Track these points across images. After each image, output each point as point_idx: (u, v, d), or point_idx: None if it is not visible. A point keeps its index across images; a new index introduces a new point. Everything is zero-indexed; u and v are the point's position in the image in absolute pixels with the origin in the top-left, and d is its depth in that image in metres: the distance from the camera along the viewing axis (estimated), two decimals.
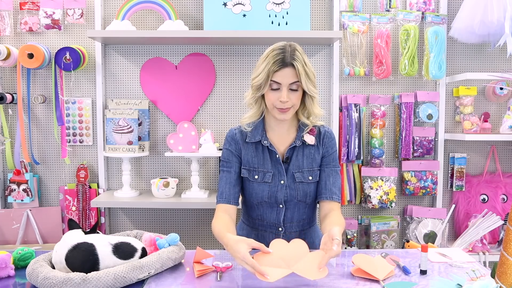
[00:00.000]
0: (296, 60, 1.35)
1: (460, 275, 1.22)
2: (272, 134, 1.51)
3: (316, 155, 1.50)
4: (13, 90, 2.27)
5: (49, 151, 2.33)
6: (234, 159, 1.50)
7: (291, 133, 1.51)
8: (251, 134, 1.50)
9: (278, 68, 1.35)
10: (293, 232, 1.53)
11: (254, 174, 1.49)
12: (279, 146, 1.50)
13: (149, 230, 2.25)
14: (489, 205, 2.33)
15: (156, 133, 2.35)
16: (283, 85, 1.36)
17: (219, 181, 1.52)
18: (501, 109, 2.37)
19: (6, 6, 2.23)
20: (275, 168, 1.48)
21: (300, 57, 1.37)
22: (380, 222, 2.32)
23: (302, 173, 1.48)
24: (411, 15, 2.26)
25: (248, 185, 1.50)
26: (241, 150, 1.51)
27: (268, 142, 1.48)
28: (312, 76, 1.39)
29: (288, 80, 1.36)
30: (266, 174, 1.48)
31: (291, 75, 1.36)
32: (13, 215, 2.28)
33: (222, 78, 2.32)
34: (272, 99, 1.39)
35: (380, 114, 2.29)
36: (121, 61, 2.31)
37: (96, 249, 1.19)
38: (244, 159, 1.50)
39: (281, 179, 1.48)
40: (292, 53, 1.36)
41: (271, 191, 1.48)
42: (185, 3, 2.29)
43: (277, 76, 1.36)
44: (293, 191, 1.48)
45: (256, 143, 1.50)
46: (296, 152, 1.49)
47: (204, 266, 1.31)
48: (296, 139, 1.49)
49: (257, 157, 1.49)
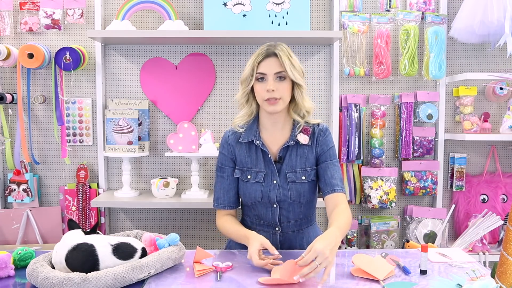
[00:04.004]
0: (280, 50, 1.41)
1: (460, 275, 1.22)
2: (266, 134, 1.51)
3: (309, 154, 1.49)
4: (13, 90, 2.27)
5: (49, 151, 2.33)
6: (227, 163, 1.53)
7: (285, 133, 1.51)
8: (245, 134, 1.51)
9: (262, 58, 1.41)
10: (290, 231, 1.53)
11: (247, 174, 1.50)
12: (273, 146, 1.51)
13: (149, 230, 2.25)
14: (489, 205, 2.33)
15: (156, 133, 2.35)
16: (269, 74, 1.40)
17: (215, 185, 1.56)
18: (501, 109, 2.37)
19: (6, 6, 2.23)
20: (267, 168, 1.49)
21: (285, 49, 1.42)
22: (380, 222, 2.32)
23: (295, 173, 1.48)
24: (411, 15, 2.26)
25: (242, 185, 1.52)
26: (235, 151, 1.52)
27: (260, 142, 1.49)
28: (298, 68, 1.43)
29: (272, 70, 1.40)
30: (259, 174, 1.48)
31: (276, 65, 1.41)
32: (13, 215, 2.28)
33: (222, 78, 2.32)
34: (260, 91, 1.42)
35: (380, 114, 2.29)
36: (121, 61, 2.31)
37: (96, 250, 1.20)
38: (238, 160, 1.52)
39: (273, 179, 1.48)
40: (277, 45, 1.43)
41: (264, 191, 1.48)
42: (185, 3, 2.29)
43: (261, 66, 1.41)
44: (286, 191, 1.48)
45: (249, 143, 1.51)
46: (289, 152, 1.49)
47: (204, 266, 1.31)
48: (289, 138, 1.49)
49: (250, 157, 1.50)
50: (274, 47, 1.42)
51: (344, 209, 1.41)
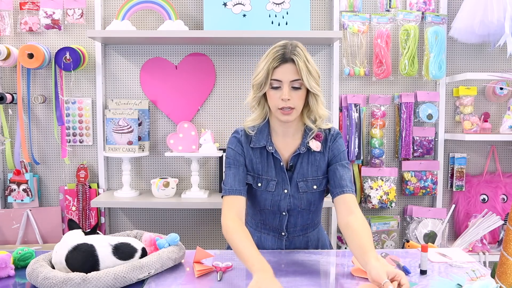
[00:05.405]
0: (297, 55, 1.30)
1: (460, 275, 1.22)
2: (277, 139, 1.44)
3: (321, 162, 1.43)
4: (13, 90, 2.27)
5: (49, 151, 2.33)
6: (241, 159, 1.43)
7: (296, 139, 1.43)
8: (255, 138, 1.43)
9: (278, 64, 1.30)
10: (296, 236, 1.49)
11: (258, 181, 1.43)
12: (284, 152, 1.43)
13: (149, 230, 2.25)
14: (489, 205, 2.33)
15: (156, 133, 2.35)
16: (284, 82, 1.31)
17: (226, 177, 1.43)
18: (501, 109, 2.37)
19: (6, 6, 2.23)
20: (279, 176, 1.42)
21: (302, 53, 1.31)
22: (380, 222, 2.32)
23: (306, 181, 1.42)
24: (411, 15, 2.26)
25: (251, 191, 1.45)
26: (246, 153, 1.44)
27: (273, 148, 1.41)
28: (315, 73, 1.33)
29: (288, 77, 1.31)
30: (270, 183, 1.42)
31: (292, 72, 1.31)
32: (13, 215, 2.28)
33: (222, 78, 2.32)
34: (273, 98, 1.33)
35: (380, 114, 2.29)
36: (121, 61, 2.31)
37: (96, 250, 1.19)
38: (249, 165, 1.44)
39: (284, 187, 1.42)
40: (293, 49, 1.31)
41: (274, 200, 1.42)
42: (185, 3, 2.29)
43: (277, 72, 1.31)
44: (297, 200, 1.42)
45: (261, 149, 1.43)
46: (300, 159, 1.42)
47: (204, 266, 1.31)
48: (301, 145, 1.42)
49: (261, 163, 1.43)
50: (291, 52, 1.30)
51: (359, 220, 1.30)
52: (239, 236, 1.28)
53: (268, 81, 1.32)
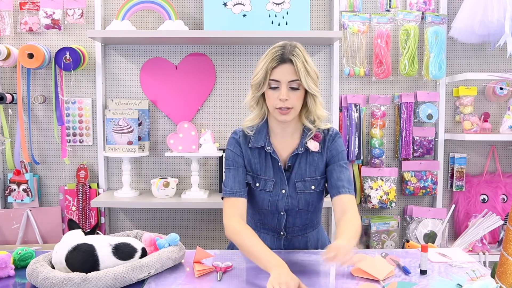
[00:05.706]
0: (296, 56, 1.31)
1: (460, 275, 1.22)
2: (275, 139, 1.44)
3: (319, 162, 1.43)
4: (13, 90, 2.27)
5: (49, 151, 2.33)
6: (240, 160, 1.44)
7: (295, 139, 1.44)
8: (254, 138, 1.43)
9: (277, 64, 1.31)
10: (295, 236, 1.50)
11: (256, 181, 1.43)
12: (282, 152, 1.44)
13: (149, 230, 2.25)
14: (489, 205, 2.33)
15: (156, 133, 2.35)
16: (282, 82, 1.32)
17: (226, 179, 1.44)
18: (501, 109, 2.37)
19: (6, 6, 2.23)
20: (277, 176, 1.42)
21: (300, 54, 1.32)
22: (380, 222, 2.32)
23: (304, 182, 1.42)
24: (411, 15, 2.26)
25: (250, 191, 1.45)
26: (245, 154, 1.44)
27: (271, 148, 1.42)
28: (313, 74, 1.33)
29: (286, 77, 1.32)
30: (268, 183, 1.42)
31: (290, 72, 1.31)
32: (13, 215, 2.28)
33: (222, 78, 2.32)
34: (272, 98, 1.34)
35: (380, 114, 2.29)
36: (121, 61, 2.31)
37: (96, 250, 1.19)
38: (248, 165, 1.44)
39: (282, 188, 1.42)
40: (292, 50, 1.32)
41: (272, 200, 1.43)
42: (185, 3, 2.29)
43: (275, 73, 1.32)
44: (295, 200, 1.43)
45: (259, 149, 1.43)
46: (298, 159, 1.43)
47: (204, 266, 1.31)
48: (299, 145, 1.42)
49: (259, 163, 1.43)
50: (290, 52, 1.31)
51: (351, 217, 1.32)
52: (248, 236, 1.31)
53: (266, 81, 1.33)
